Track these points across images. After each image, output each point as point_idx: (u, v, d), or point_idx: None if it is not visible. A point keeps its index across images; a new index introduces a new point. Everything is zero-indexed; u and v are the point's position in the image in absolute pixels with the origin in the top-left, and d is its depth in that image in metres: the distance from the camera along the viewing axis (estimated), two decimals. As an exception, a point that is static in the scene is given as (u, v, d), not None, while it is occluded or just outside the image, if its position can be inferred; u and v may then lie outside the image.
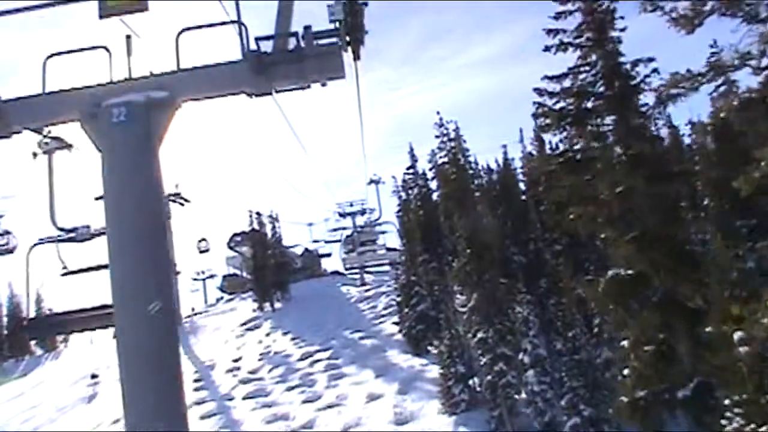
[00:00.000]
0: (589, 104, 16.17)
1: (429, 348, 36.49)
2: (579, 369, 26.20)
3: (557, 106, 16.31)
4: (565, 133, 16.27)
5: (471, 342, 30.27)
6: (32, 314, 50.40)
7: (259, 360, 40.22)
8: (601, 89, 16.03)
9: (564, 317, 27.43)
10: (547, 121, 16.27)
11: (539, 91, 16.43)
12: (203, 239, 54.20)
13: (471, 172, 37.67)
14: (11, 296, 56.96)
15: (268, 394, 35.72)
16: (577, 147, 16.41)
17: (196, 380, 38.44)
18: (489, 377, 27.47)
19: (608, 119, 15.76)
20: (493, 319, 27.90)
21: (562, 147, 17.67)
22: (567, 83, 16.32)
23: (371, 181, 57.88)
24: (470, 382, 29.86)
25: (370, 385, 34.47)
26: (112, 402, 38.08)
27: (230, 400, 35.83)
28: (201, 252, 54.29)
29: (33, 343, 57.75)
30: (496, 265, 30.45)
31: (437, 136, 35.65)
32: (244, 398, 35.65)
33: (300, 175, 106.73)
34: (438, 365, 31.64)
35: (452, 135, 35.42)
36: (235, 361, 40.61)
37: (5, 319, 57.07)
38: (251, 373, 38.53)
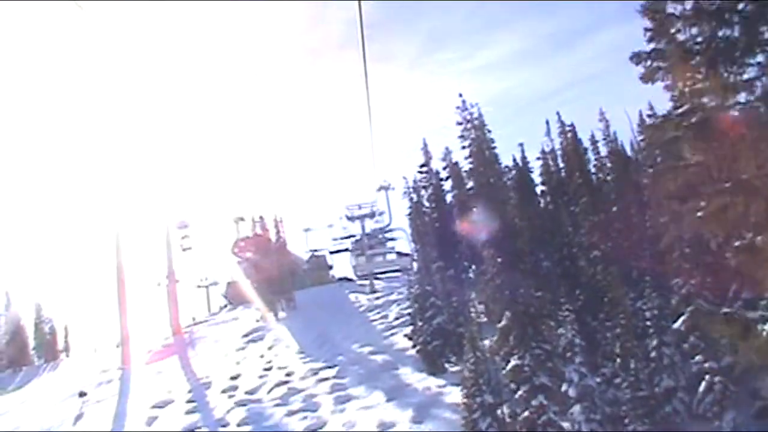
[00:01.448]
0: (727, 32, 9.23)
1: (446, 366, 30.03)
2: (644, 408, 19.25)
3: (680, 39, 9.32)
4: (691, 82, 9.29)
5: (497, 363, 23.66)
6: None
7: (260, 378, 33.57)
8: (746, 8, 9.08)
9: (622, 342, 20.39)
10: (660, 63, 9.35)
11: (651, 14, 9.33)
12: (185, 236, 47.00)
13: (495, 167, 30.47)
14: (8, 304, 50.66)
15: (267, 420, 29.20)
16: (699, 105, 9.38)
17: (188, 401, 32.17)
18: (526, 413, 20.61)
19: (759, 58, 8.87)
20: (529, 342, 21.00)
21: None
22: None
23: (381, 188, 51.02)
24: (499, 412, 23.11)
25: (380, 411, 27.80)
26: (97, 423, 32.41)
27: (224, 426, 29.33)
28: (183, 250, 47.11)
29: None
30: (529, 276, 23.57)
31: (459, 123, 28.18)
32: (239, 424, 29.15)
33: (303, 180, 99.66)
34: (458, 387, 25.09)
35: (476, 123, 28.19)
36: (233, 378, 33.91)
37: (2, 328, 50.69)
38: (249, 393, 31.87)
